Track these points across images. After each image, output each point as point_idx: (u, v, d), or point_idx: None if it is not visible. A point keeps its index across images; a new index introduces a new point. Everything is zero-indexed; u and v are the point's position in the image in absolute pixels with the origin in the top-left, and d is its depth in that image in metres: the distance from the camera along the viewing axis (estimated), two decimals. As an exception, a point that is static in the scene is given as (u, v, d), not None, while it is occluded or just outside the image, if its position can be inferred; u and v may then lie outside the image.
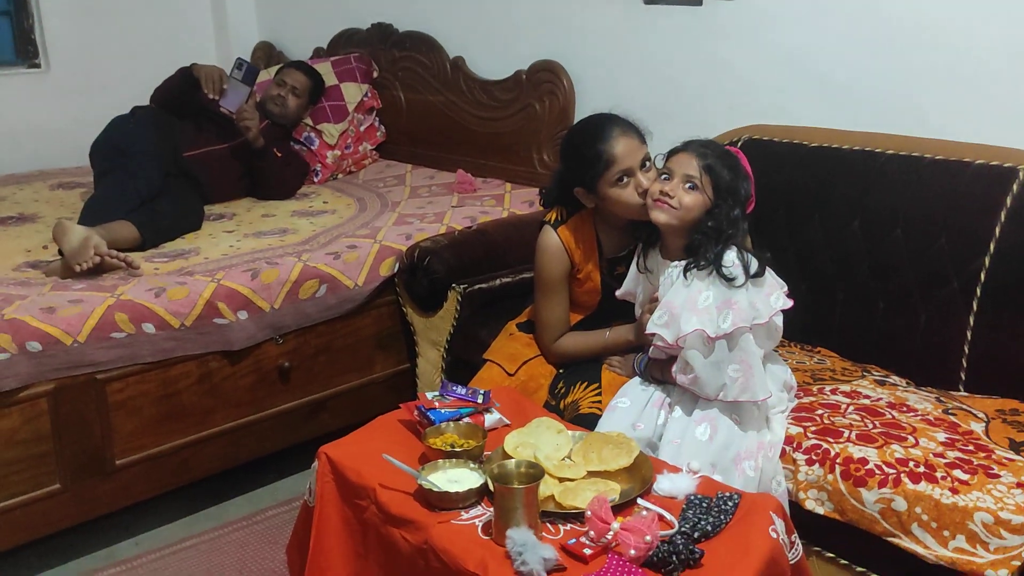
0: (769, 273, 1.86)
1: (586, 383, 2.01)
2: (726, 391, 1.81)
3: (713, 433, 1.80)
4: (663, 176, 1.90)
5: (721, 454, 1.79)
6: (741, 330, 1.79)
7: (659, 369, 1.94)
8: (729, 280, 1.79)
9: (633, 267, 2.04)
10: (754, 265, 1.82)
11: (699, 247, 1.84)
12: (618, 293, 2.07)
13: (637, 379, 1.98)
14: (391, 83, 3.72)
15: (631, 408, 1.90)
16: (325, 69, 3.61)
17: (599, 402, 1.95)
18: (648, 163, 1.97)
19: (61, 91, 3.90)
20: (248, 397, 2.49)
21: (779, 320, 1.86)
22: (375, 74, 3.75)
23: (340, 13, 3.95)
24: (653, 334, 1.86)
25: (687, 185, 1.85)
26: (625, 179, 1.95)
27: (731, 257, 1.82)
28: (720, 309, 1.79)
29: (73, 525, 2.29)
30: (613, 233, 2.09)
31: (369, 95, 3.70)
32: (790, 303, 1.85)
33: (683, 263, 1.86)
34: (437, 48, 3.53)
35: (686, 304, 1.82)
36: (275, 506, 2.55)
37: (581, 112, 3.11)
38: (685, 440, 1.81)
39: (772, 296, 1.84)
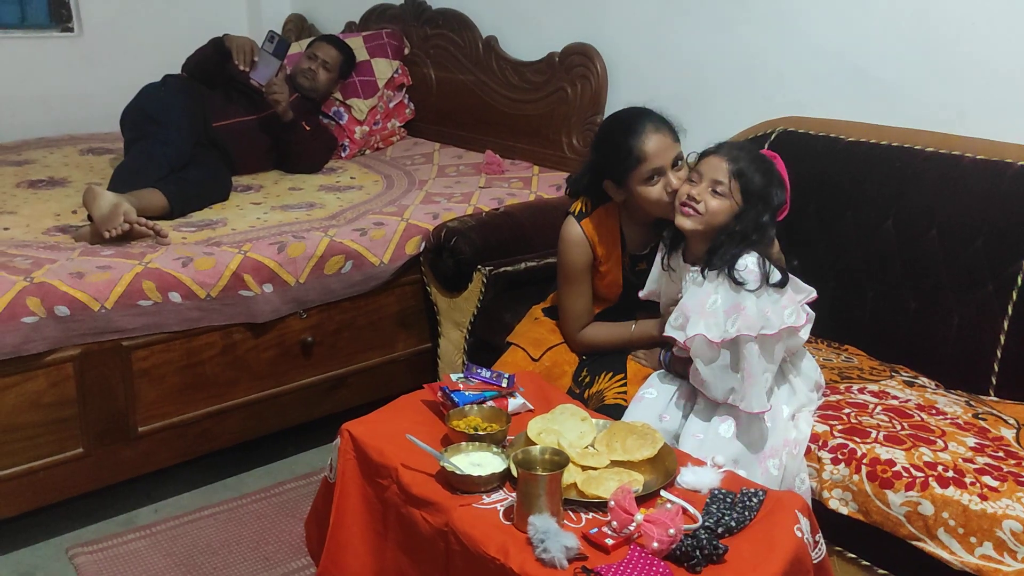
0: (794, 281, 1.81)
1: (611, 373, 2.00)
2: (734, 396, 1.77)
3: (737, 430, 1.79)
4: (691, 179, 1.86)
5: (744, 451, 1.77)
6: (745, 337, 1.73)
7: (682, 364, 1.91)
8: (738, 284, 1.75)
9: (657, 265, 2.00)
10: (775, 276, 1.77)
11: (718, 248, 1.80)
12: (642, 294, 2.04)
13: (663, 370, 1.96)
14: (422, 60, 3.70)
15: (658, 399, 1.89)
16: (356, 44, 3.59)
17: (624, 393, 1.94)
18: (680, 162, 1.94)
19: (93, 56, 3.91)
20: (270, 370, 2.50)
21: (804, 333, 1.81)
22: (406, 51, 3.73)
23: (373, -12, 3.93)
24: (668, 335, 1.84)
25: (714, 190, 1.81)
26: (656, 177, 1.92)
27: (746, 261, 1.77)
28: (728, 313, 1.75)
29: (94, 489, 2.31)
30: (637, 229, 2.06)
31: (399, 72, 3.68)
32: (803, 321, 1.80)
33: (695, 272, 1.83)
34: (470, 27, 3.51)
35: (696, 306, 1.79)
36: (293, 479, 2.56)
37: (613, 97, 3.08)
38: (708, 435, 1.80)
39: (787, 311, 1.78)
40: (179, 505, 2.45)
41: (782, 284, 1.78)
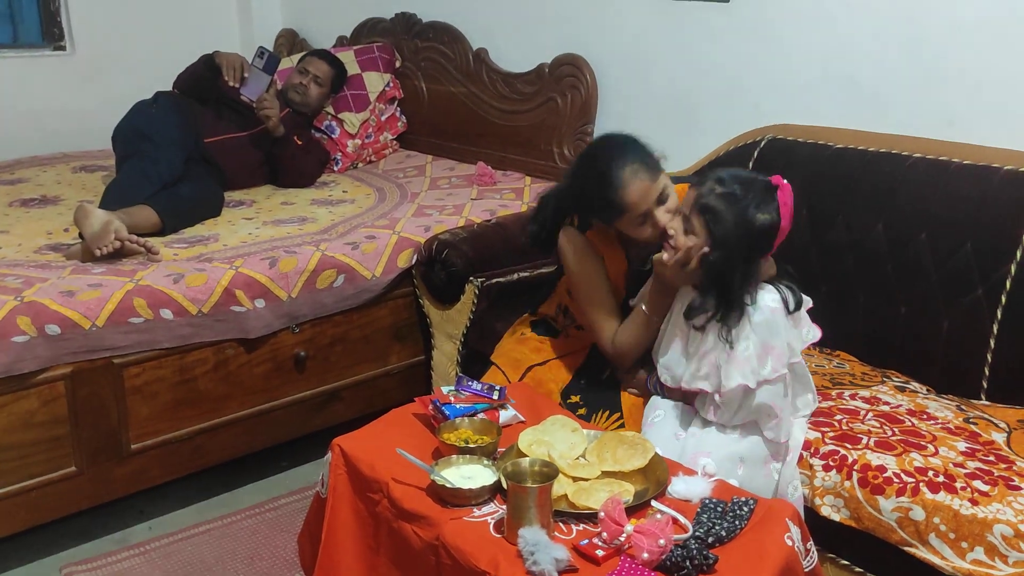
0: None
1: (608, 412, 1.97)
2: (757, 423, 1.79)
3: (745, 433, 1.79)
4: (677, 212, 1.81)
5: (751, 451, 1.78)
6: (780, 377, 1.74)
7: (679, 391, 1.88)
8: (728, 342, 1.73)
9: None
10: (792, 301, 1.77)
11: (719, 308, 1.73)
12: (632, 302, 2.00)
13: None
14: (413, 73, 3.71)
15: (667, 418, 1.86)
16: (348, 58, 3.61)
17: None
18: (665, 193, 1.86)
19: (86, 74, 3.92)
20: (263, 385, 2.50)
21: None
22: (398, 64, 3.74)
23: (364, 2, 3.95)
24: (693, 389, 1.79)
25: (685, 227, 1.76)
26: (644, 219, 1.87)
27: (765, 301, 1.74)
28: (760, 358, 1.73)
29: (88, 508, 2.30)
30: (636, 242, 2.00)
31: (391, 85, 3.69)
32: (819, 334, 1.82)
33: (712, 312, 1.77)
34: (460, 39, 3.52)
35: (728, 358, 1.74)
36: (287, 495, 2.55)
37: (603, 107, 3.09)
38: (710, 435, 1.79)
39: (803, 329, 1.80)
40: (173, 522, 2.44)
41: (799, 306, 1.77)
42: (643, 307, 1.91)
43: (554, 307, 2.20)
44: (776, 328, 1.74)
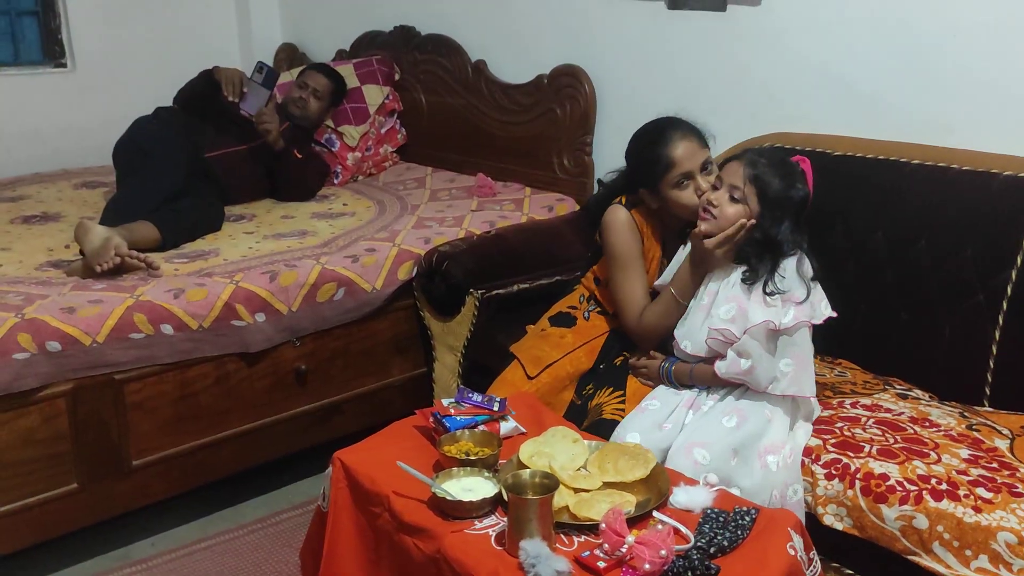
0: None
1: (611, 388, 2.02)
2: (776, 384, 1.82)
3: (741, 422, 1.80)
4: (715, 185, 1.92)
5: (747, 443, 1.78)
6: (800, 324, 1.82)
7: (687, 375, 1.93)
8: (780, 293, 1.82)
9: (680, 254, 2.03)
10: (809, 271, 1.86)
11: (749, 258, 1.85)
12: (658, 283, 2.07)
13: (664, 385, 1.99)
14: (413, 86, 3.72)
15: (661, 409, 1.90)
16: (347, 71, 3.62)
17: (622, 410, 1.95)
18: (709, 166, 2.00)
19: (86, 91, 3.93)
20: (264, 399, 2.50)
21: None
22: (397, 76, 3.75)
23: (363, 15, 3.96)
24: (720, 329, 1.85)
25: (731, 196, 1.87)
26: (685, 182, 1.99)
27: (790, 267, 1.84)
28: (784, 303, 1.83)
29: (90, 524, 2.30)
30: (672, 236, 2.10)
31: (390, 97, 3.70)
32: (835, 314, 1.88)
33: (740, 272, 1.87)
34: (459, 51, 3.53)
35: (753, 300, 1.84)
36: (289, 509, 2.55)
37: (602, 117, 3.10)
38: (707, 424, 1.81)
39: (823, 303, 1.87)
40: (176, 538, 2.44)
41: (816, 276, 1.86)
42: (672, 290, 2.00)
43: (576, 299, 2.24)
44: (800, 284, 1.83)
